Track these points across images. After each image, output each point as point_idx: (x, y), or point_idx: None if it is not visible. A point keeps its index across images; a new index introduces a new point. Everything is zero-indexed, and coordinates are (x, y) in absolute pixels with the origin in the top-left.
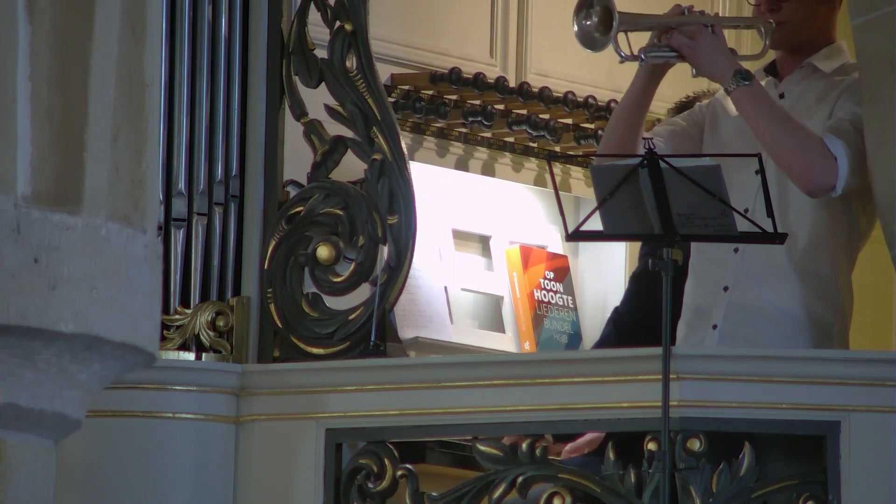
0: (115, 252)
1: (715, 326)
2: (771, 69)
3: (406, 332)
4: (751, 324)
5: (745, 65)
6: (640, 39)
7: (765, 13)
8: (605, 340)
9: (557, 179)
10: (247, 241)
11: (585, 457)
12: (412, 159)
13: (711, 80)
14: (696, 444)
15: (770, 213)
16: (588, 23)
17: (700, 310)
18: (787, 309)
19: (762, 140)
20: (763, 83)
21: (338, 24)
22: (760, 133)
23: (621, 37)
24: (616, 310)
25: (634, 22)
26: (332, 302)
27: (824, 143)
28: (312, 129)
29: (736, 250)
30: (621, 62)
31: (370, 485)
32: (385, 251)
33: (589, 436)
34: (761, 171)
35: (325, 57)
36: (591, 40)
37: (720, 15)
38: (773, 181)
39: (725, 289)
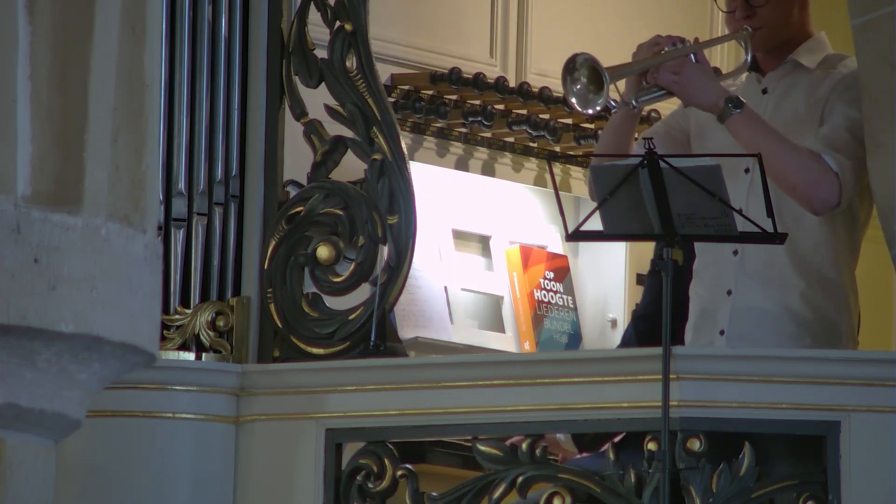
0: (115, 252)
1: (722, 332)
2: (753, 65)
3: (406, 332)
4: (757, 325)
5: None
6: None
7: (740, 20)
8: (627, 340)
9: (557, 179)
10: (247, 241)
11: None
12: (412, 159)
13: (701, 109)
14: (696, 444)
15: (770, 213)
16: (578, 86)
17: (706, 313)
18: (793, 310)
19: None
20: (745, 78)
21: (338, 24)
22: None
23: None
24: (635, 311)
25: (621, 73)
26: (332, 302)
27: (823, 159)
28: (312, 129)
29: (735, 253)
30: (613, 112)
31: (370, 485)
32: (385, 251)
33: None
34: (761, 170)
35: (325, 57)
36: (587, 101)
37: (712, 27)
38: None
39: (729, 292)
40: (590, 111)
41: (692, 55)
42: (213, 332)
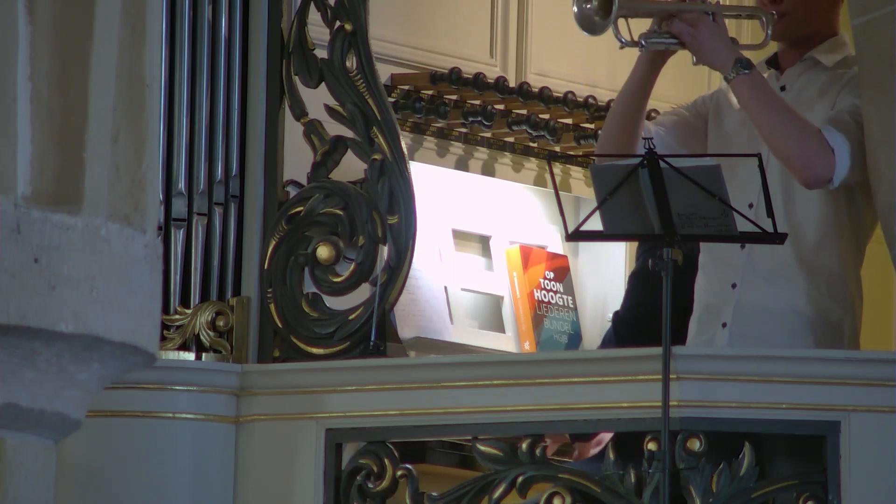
0: (115, 252)
1: (725, 325)
2: (773, 61)
3: (406, 332)
4: (760, 322)
5: (747, 55)
6: (639, 26)
7: (767, 4)
8: (607, 342)
9: (557, 179)
10: (247, 241)
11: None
12: (412, 159)
13: (711, 67)
14: (696, 444)
15: (770, 213)
16: (588, 6)
17: (710, 307)
18: (796, 306)
19: (761, 130)
20: (765, 76)
21: (338, 24)
22: (759, 123)
23: (621, 23)
24: (616, 313)
25: (635, 7)
26: (332, 302)
27: (823, 135)
28: (312, 129)
29: (743, 247)
30: (621, 48)
31: (370, 485)
32: (385, 251)
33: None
34: (761, 170)
35: (325, 57)
36: (591, 24)
37: (722, 3)
38: (778, 177)
39: (734, 286)
40: (588, 33)
41: (711, 14)
42: (213, 332)
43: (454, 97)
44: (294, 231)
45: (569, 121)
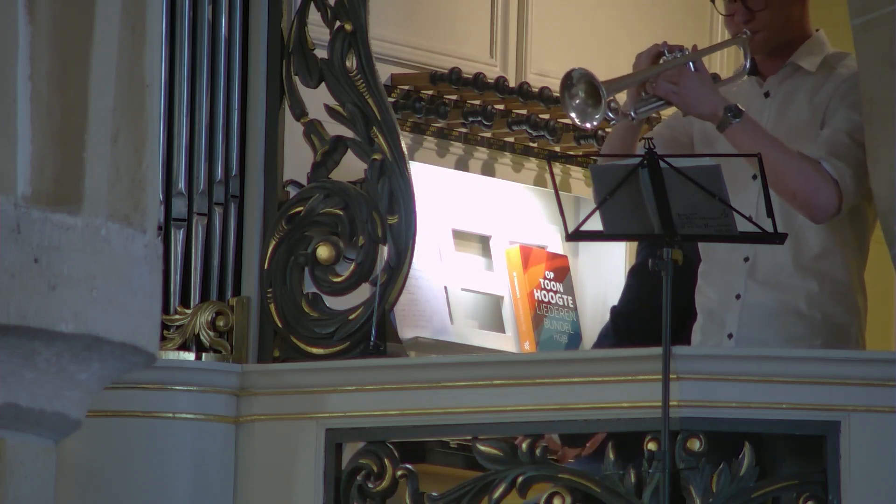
0: (115, 252)
1: (731, 335)
2: (753, 68)
3: (406, 332)
4: (766, 329)
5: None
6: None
7: (739, 24)
8: (604, 336)
9: (557, 179)
10: (247, 241)
11: (587, 458)
12: (412, 159)
13: (701, 119)
14: (696, 444)
15: (770, 213)
16: (577, 101)
17: (714, 315)
18: (802, 313)
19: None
20: (745, 80)
21: (338, 24)
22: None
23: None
24: (614, 308)
25: (618, 86)
26: (332, 302)
27: (823, 167)
28: (312, 129)
29: (746, 259)
30: (612, 124)
31: (370, 485)
32: (385, 251)
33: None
34: (761, 171)
35: (325, 57)
36: (586, 115)
37: (712, 34)
38: None
39: (738, 296)
40: (589, 125)
41: (690, 63)
42: (213, 332)
43: (454, 97)
44: (294, 231)
45: (569, 121)
